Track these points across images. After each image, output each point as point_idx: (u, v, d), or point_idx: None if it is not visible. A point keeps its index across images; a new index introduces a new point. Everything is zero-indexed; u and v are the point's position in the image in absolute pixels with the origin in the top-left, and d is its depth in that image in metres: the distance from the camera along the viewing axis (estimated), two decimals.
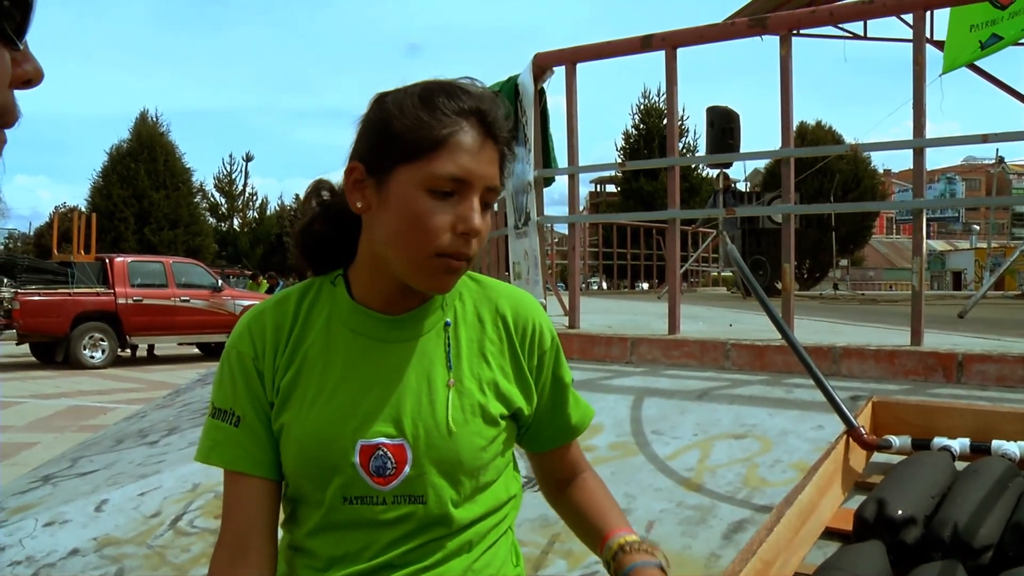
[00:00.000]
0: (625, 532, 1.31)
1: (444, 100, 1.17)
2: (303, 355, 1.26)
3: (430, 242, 1.16)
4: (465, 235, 1.16)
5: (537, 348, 1.34)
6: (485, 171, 1.18)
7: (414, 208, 1.16)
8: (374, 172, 1.19)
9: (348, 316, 1.27)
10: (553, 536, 2.58)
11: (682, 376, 3.90)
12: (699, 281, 17.88)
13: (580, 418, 1.41)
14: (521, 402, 1.31)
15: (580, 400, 1.42)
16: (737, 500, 2.66)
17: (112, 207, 32.36)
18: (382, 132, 1.18)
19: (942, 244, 50.08)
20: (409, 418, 1.23)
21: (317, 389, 1.24)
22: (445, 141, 1.15)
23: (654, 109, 34.69)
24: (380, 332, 1.26)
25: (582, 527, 1.41)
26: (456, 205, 1.16)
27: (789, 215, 4.20)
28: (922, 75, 3.73)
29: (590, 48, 4.79)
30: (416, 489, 1.22)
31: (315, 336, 1.27)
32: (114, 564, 2.83)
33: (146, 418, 5.55)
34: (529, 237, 5.18)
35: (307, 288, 1.31)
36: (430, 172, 1.15)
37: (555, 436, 1.40)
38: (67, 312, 15.18)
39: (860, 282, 33.94)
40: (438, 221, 1.15)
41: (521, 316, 1.34)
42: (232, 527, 1.24)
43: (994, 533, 1.76)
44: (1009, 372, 3.25)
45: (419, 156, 1.15)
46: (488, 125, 1.19)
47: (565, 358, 1.40)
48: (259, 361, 1.26)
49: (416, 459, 1.22)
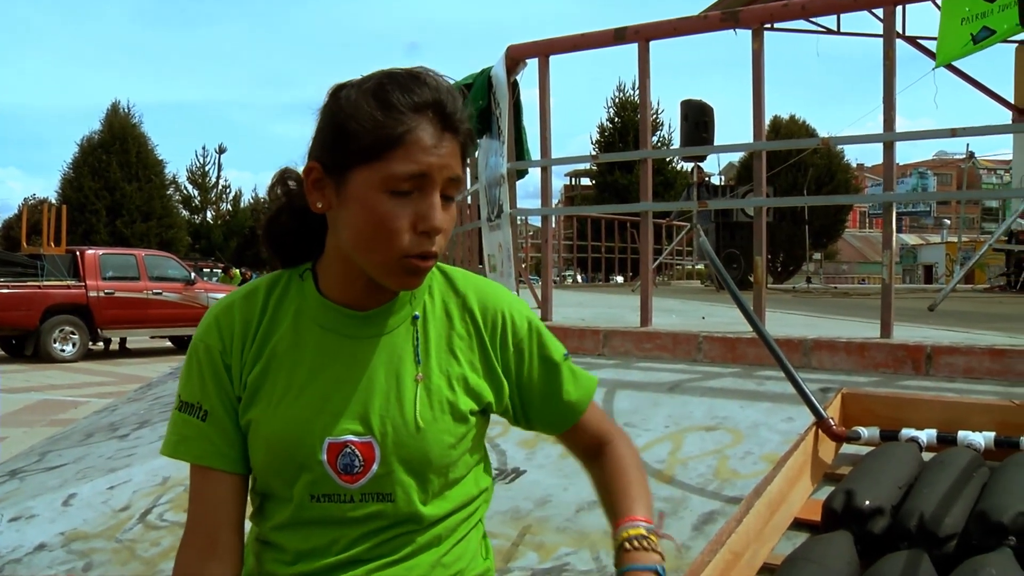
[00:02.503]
0: (633, 522, 1.27)
1: (399, 96, 1.15)
2: (271, 350, 1.25)
3: (392, 244, 1.14)
4: (426, 233, 1.15)
5: (511, 338, 1.32)
6: (445, 163, 1.16)
7: (374, 210, 1.14)
8: (332, 172, 1.18)
9: (316, 312, 1.26)
10: (524, 528, 2.58)
11: (654, 368, 3.91)
12: (673, 274, 17.94)
13: (581, 394, 1.38)
14: (490, 396, 1.30)
15: (579, 372, 1.39)
16: (708, 492, 2.67)
17: (83, 199, 31.97)
18: (338, 133, 1.17)
19: (914, 238, 50.46)
20: (377, 416, 1.22)
21: (285, 386, 1.23)
22: (402, 139, 1.13)
23: (629, 103, 34.72)
24: (349, 328, 1.25)
25: (604, 507, 1.38)
26: (416, 203, 1.15)
27: (761, 208, 4.21)
28: (892, 69, 3.76)
29: (563, 40, 4.79)
30: (384, 487, 1.22)
31: (283, 332, 1.26)
32: (82, 559, 2.80)
33: (117, 412, 5.51)
34: (502, 230, 5.18)
35: (275, 281, 1.30)
36: (388, 172, 1.13)
37: (562, 417, 1.38)
38: (37, 305, 14.99)
39: (833, 276, 34.15)
40: (399, 223, 1.14)
41: (490, 309, 1.32)
42: (199, 521, 1.24)
43: (959, 522, 1.78)
44: (976, 364, 3.29)
45: (376, 157, 1.13)
46: (446, 117, 1.16)
47: (551, 337, 1.38)
48: (227, 355, 1.25)
49: (384, 457, 1.21)
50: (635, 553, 1.22)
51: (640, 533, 1.25)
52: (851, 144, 63.27)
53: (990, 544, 1.68)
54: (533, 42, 4.93)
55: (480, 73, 5.54)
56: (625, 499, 1.32)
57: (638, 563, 1.21)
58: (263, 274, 1.35)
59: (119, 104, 34.69)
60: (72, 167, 33.54)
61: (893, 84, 3.76)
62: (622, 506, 1.31)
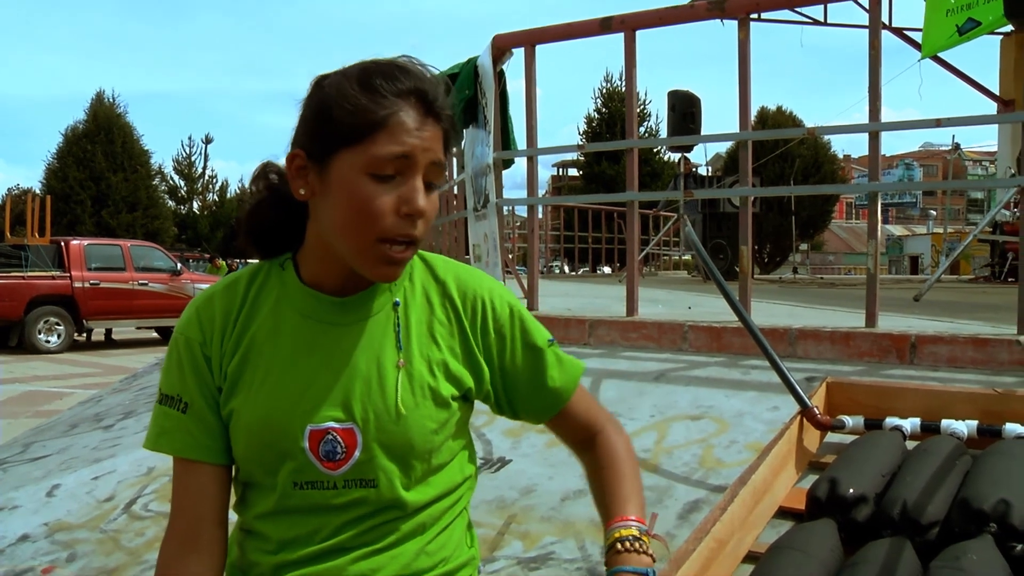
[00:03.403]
0: (625, 523, 1.26)
1: (382, 82, 1.15)
2: (250, 339, 1.24)
3: (373, 226, 1.14)
4: (409, 216, 1.15)
5: (492, 324, 1.32)
6: (428, 146, 1.15)
7: (356, 192, 1.14)
8: (316, 158, 1.18)
9: (296, 299, 1.26)
10: (509, 517, 2.59)
11: (640, 358, 3.92)
12: (660, 265, 17.97)
13: (567, 380, 1.36)
14: (471, 382, 1.30)
15: (564, 358, 1.37)
16: (693, 481, 2.68)
17: (68, 189, 31.79)
18: (322, 118, 1.17)
19: (900, 229, 50.70)
20: (359, 402, 1.22)
21: (265, 374, 1.23)
22: (385, 122, 1.13)
23: (616, 93, 34.71)
24: (329, 315, 1.25)
25: (595, 502, 1.36)
26: (399, 187, 1.14)
27: (747, 198, 4.22)
28: (878, 60, 3.76)
29: (549, 30, 4.78)
30: (367, 473, 1.21)
31: (262, 320, 1.25)
32: (66, 549, 2.79)
33: (102, 402, 5.49)
34: (488, 219, 5.17)
35: (256, 271, 1.30)
36: (371, 155, 1.13)
37: (547, 404, 1.36)
38: (21, 296, 14.90)
39: (820, 266, 34.30)
40: (380, 204, 1.13)
41: (469, 295, 1.32)
42: (182, 513, 1.24)
43: (941, 510, 1.79)
44: (960, 353, 3.30)
45: (359, 140, 1.13)
46: (429, 103, 1.16)
47: (534, 322, 1.37)
48: (207, 347, 1.25)
49: (366, 443, 1.21)
50: (626, 555, 1.22)
51: (632, 534, 1.24)
52: (837, 134, 63.56)
53: (971, 531, 1.70)
54: (519, 31, 4.92)
55: (466, 63, 5.53)
56: (617, 497, 1.32)
57: (629, 565, 1.21)
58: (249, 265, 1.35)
59: (103, 94, 34.53)
60: (56, 157, 33.32)
61: (879, 74, 3.77)
62: (614, 504, 1.31)
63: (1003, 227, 9.81)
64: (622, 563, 1.22)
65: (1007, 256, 9.94)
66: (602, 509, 1.33)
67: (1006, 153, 10.73)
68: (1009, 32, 9.95)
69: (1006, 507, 1.68)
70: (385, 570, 1.23)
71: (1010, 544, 1.66)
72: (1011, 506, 1.68)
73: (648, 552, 1.24)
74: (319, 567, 1.22)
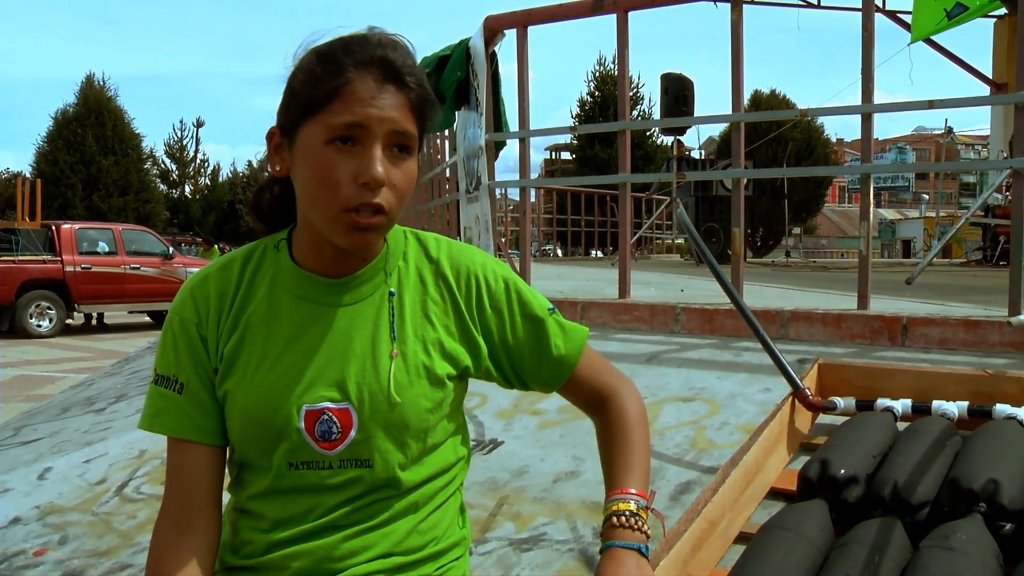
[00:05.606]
0: (624, 495, 1.27)
1: (341, 54, 1.15)
2: (246, 321, 1.25)
3: (334, 197, 1.14)
4: (367, 185, 1.14)
5: (488, 301, 1.32)
6: (386, 115, 1.14)
7: (317, 163, 1.14)
8: (287, 134, 1.20)
9: (291, 281, 1.26)
10: (501, 499, 2.59)
11: (632, 340, 3.92)
12: (653, 248, 17.97)
13: (571, 346, 1.36)
14: (468, 360, 1.30)
15: (567, 325, 1.38)
16: (685, 462, 2.68)
17: (59, 173, 31.60)
18: (287, 92, 1.19)
19: (893, 213, 50.71)
20: (354, 382, 1.22)
21: (261, 355, 1.23)
22: (339, 91, 1.13)
23: (609, 76, 34.55)
24: (323, 297, 1.25)
25: (602, 467, 1.37)
26: (358, 156, 1.14)
27: (739, 181, 4.21)
28: (871, 42, 3.75)
29: (541, 11, 4.76)
30: (362, 453, 1.22)
31: (259, 302, 1.26)
32: (57, 532, 2.79)
33: (93, 386, 5.48)
34: (480, 202, 5.16)
35: (251, 252, 1.31)
36: (327, 123, 1.13)
37: (555, 372, 1.36)
38: (12, 280, 14.85)
39: (813, 250, 34.31)
40: (338, 174, 1.14)
41: (463, 273, 1.32)
42: (176, 494, 1.24)
43: (931, 490, 1.80)
44: (951, 335, 3.31)
45: (317, 110, 1.14)
46: (390, 70, 1.16)
47: (531, 292, 1.37)
48: (203, 327, 1.25)
49: (362, 423, 1.22)
50: (621, 530, 1.23)
51: (629, 509, 1.25)
52: (830, 116, 63.38)
53: (961, 511, 1.70)
54: (511, 12, 4.89)
55: (458, 44, 5.50)
56: (622, 468, 1.32)
57: (622, 540, 1.22)
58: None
59: (94, 77, 34.26)
60: (47, 140, 33.11)
61: (871, 56, 3.76)
62: (617, 475, 1.31)
63: (995, 210, 9.81)
64: (616, 538, 1.23)
65: (999, 240, 9.94)
66: (606, 476, 1.34)
67: (998, 136, 10.73)
68: (1003, 15, 9.93)
69: (995, 487, 1.69)
70: (376, 547, 1.24)
71: (999, 523, 1.66)
72: (1000, 486, 1.69)
73: (643, 528, 1.24)
74: (311, 544, 1.22)
